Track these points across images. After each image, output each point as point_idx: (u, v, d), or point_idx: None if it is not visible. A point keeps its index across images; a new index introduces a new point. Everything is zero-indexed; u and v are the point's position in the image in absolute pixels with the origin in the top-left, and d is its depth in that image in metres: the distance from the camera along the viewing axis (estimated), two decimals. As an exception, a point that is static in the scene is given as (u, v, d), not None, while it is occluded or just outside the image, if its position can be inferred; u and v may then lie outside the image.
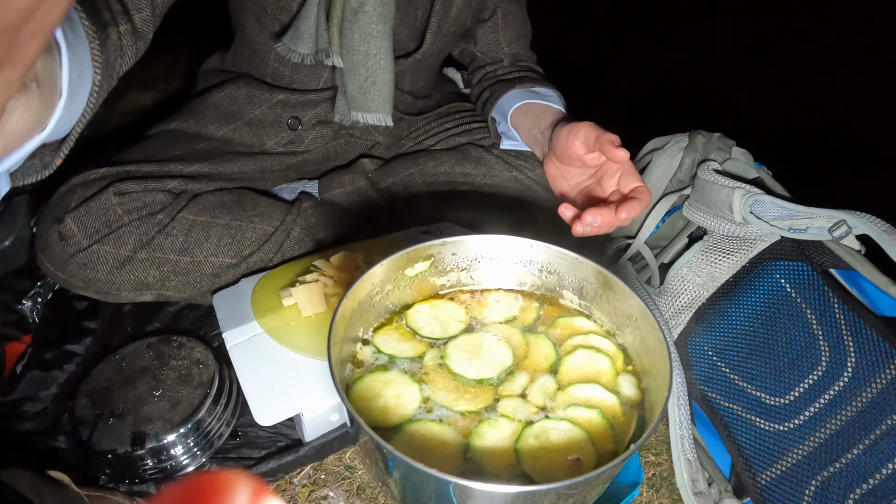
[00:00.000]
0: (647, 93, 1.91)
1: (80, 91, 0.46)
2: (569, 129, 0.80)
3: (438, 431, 0.53)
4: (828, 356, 0.73)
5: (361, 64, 0.89)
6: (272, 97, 1.01)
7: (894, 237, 0.70)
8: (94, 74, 0.49)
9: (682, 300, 0.87)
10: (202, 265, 0.89)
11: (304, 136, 1.04)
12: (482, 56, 1.09)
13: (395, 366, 0.59)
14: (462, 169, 1.00)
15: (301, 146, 1.04)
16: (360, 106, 0.93)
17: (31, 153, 0.43)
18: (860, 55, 2.12)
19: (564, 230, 0.97)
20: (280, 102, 1.01)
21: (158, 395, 0.80)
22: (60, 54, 0.41)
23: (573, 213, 0.73)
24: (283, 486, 0.80)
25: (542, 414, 0.55)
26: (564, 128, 0.81)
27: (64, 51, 0.41)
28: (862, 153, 1.66)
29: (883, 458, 0.63)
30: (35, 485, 0.64)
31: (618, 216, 0.70)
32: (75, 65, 0.43)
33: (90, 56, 0.48)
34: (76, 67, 0.44)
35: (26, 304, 0.95)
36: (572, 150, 0.79)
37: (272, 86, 1.02)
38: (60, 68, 0.41)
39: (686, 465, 0.78)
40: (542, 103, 0.94)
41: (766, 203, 0.79)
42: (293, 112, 1.02)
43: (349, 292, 0.56)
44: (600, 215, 0.70)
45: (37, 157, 0.48)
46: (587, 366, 0.59)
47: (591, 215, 0.70)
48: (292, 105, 1.01)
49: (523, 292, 0.68)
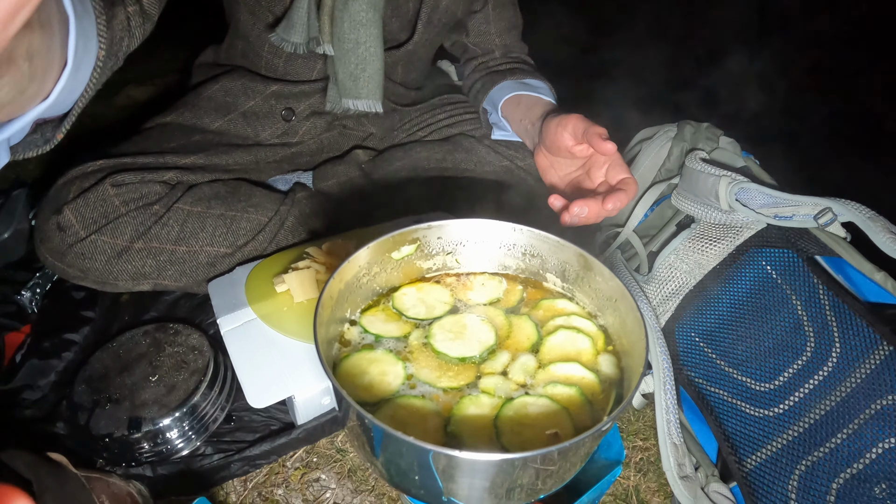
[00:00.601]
0: (639, 83, 1.92)
1: (83, 64, 0.47)
2: (558, 122, 0.81)
3: (420, 406, 0.54)
4: (813, 343, 0.73)
5: (352, 52, 0.91)
6: (266, 89, 1.03)
7: (879, 224, 0.71)
8: (99, 49, 0.49)
9: (670, 287, 0.88)
10: (198, 255, 0.91)
11: (298, 126, 1.05)
12: (474, 47, 1.11)
13: (380, 345, 0.60)
14: (453, 158, 1.02)
15: (295, 137, 1.06)
16: (351, 93, 0.95)
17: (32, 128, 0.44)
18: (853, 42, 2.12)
19: (553, 217, 0.99)
20: (274, 94, 1.03)
21: (155, 381, 0.82)
22: (69, 25, 0.41)
23: (562, 203, 0.75)
24: (276, 469, 0.81)
25: (522, 390, 0.57)
26: (554, 120, 0.83)
27: (72, 21, 0.41)
28: (855, 144, 1.67)
29: (867, 444, 0.64)
30: (33, 465, 0.65)
31: (604, 207, 0.72)
32: (81, 38, 0.43)
33: (96, 31, 0.48)
34: (82, 41, 0.44)
35: (25, 295, 0.97)
36: (561, 141, 0.80)
37: (266, 77, 1.03)
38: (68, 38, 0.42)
39: (673, 450, 0.79)
40: (533, 95, 0.96)
41: (752, 191, 0.81)
42: (287, 103, 1.04)
43: (336, 273, 0.57)
44: (587, 206, 0.72)
45: (38, 132, 0.49)
46: (568, 345, 0.61)
47: (578, 206, 0.72)
48: (286, 96, 1.03)
49: (507, 275, 0.69)
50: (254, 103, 1.04)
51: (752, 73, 1.52)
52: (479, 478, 0.48)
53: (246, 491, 0.80)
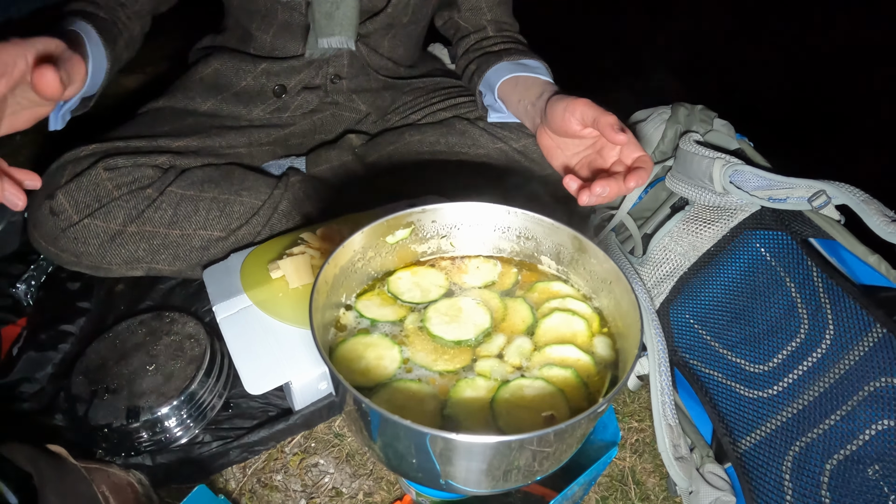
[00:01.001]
0: (635, 64, 1.91)
1: (99, 70, 0.79)
2: (565, 106, 0.79)
3: (417, 389, 0.55)
4: (807, 325, 0.74)
5: None
6: (256, 67, 1.03)
7: (872, 207, 0.71)
8: (106, 62, 0.81)
9: (664, 269, 0.88)
10: (191, 238, 0.91)
11: (290, 102, 1.06)
12: (465, 25, 1.10)
13: (376, 329, 0.61)
14: (447, 141, 1.02)
15: (286, 112, 1.06)
16: (325, 31, 0.96)
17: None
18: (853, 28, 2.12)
19: (550, 200, 0.99)
20: (264, 71, 1.03)
21: (152, 370, 0.82)
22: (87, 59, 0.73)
23: (578, 184, 0.73)
24: (274, 455, 0.82)
25: (517, 373, 0.57)
26: (560, 103, 0.80)
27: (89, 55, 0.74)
28: (849, 127, 1.67)
29: (860, 425, 0.65)
30: (33, 458, 0.65)
31: (627, 185, 0.70)
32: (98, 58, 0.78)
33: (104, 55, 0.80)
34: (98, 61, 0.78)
35: (20, 288, 0.97)
36: (569, 126, 0.78)
37: (256, 56, 1.04)
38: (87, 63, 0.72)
39: (668, 431, 0.80)
40: (531, 76, 0.95)
41: (746, 173, 0.81)
42: (278, 80, 1.04)
43: (331, 258, 0.57)
44: (608, 186, 0.70)
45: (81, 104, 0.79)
46: (563, 328, 0.61)
47: (600, 186, 0.70)
48: (276, 73, 1.04)
49: (502, 258, 0.69)
50: (245, 83, 1.04)
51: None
52: (477, 460, 0.49)
53: (245, 477, 0.80)
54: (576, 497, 0.72)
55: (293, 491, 0.79)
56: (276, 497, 0.78)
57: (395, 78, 1.11)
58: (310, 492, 0.79)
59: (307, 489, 0.79)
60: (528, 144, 1.00)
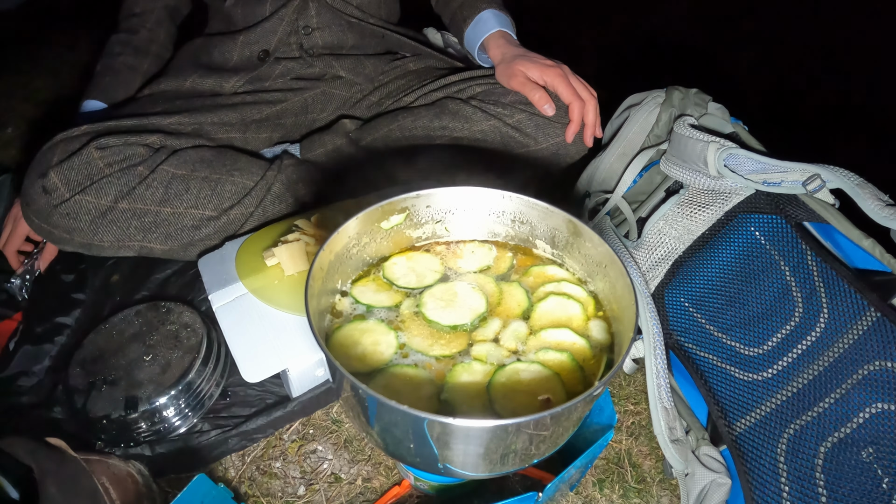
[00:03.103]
0: (628, 49, 1.91)
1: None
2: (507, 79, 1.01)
3: (414, 375, 0.55)
4: (801, 308, 0.74)
5: None
6: (235, 40, 1.06)
7: (867, 191, 0.71)
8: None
9: (659, 253, 0.88)
10: (182, 217, 0.91)
11: (274, 67, 1.08)
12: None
13: (372, 315, 0.61)
14: (441, 122, 1.02)
15: (269, 79, 1.08)
16: None
17: None
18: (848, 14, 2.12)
19: (545, 177, 1.00)
20: (244, 42, 1.06)
21: (149, 360, 0.82)
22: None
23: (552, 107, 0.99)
24: (273, 443, 0.82)
25: (514, 357, 0.57)
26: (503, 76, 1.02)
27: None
28: (848, 112, 1.67)
29: (854, 408, 0.65)
30: (33, 451, 0.65)
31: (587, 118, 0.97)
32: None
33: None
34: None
35: (15, 283, 0.97)
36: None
37: (234, 32, 1.06)
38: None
39: (663, 414, 0.80)
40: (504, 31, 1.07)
41: (741, 157, 0.80)
42: (259, 46, 1.06)
43: (325, 244, 0.57)
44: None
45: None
46: (559, 311, 0.61)
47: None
48: (254, 41, 1.06)
49: (497, 243, 0.69)
50: (229, 55, 1.07)
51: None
52: (474, 444, 0.49)
53: (244, 465, 0.80)
54: (572, 480, 0.73)
55: (292, 478, 0.79)
56: (275, 484, 0.79)
57: (371, 25, 1.12)
58: (309, 478, 0.79)
59: (306, 475, 0.80)
60: (522, 119, 1.00)
